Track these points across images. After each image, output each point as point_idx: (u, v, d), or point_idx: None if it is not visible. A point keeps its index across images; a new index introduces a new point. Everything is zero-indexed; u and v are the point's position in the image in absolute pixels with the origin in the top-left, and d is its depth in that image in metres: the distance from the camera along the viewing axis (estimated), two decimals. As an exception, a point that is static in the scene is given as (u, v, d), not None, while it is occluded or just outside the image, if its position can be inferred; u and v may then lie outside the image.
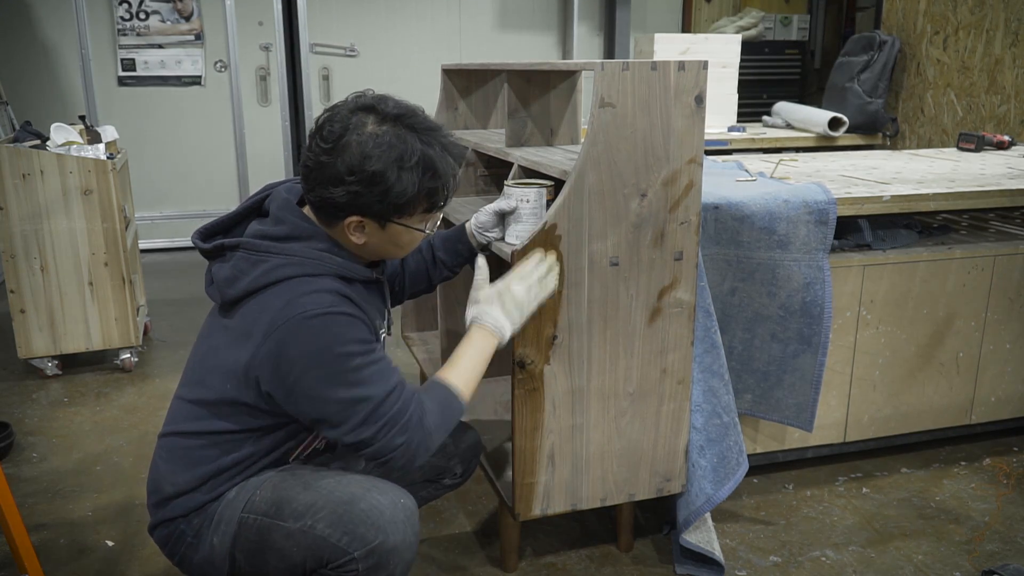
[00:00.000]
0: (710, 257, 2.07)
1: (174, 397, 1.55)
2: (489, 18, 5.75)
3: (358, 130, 1.37)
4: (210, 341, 1.49)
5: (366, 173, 1.36)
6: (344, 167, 1.36)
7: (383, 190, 1.38)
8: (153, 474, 1.52)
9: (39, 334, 3.17)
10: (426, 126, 1.43)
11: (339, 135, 1.37)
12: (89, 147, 3.16)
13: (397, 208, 1.41)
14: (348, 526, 1.37)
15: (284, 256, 1.40)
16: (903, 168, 2.75)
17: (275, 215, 1.45)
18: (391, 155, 1.37)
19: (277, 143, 5.54)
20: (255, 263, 1.40)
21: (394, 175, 1.37)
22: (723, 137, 4.18)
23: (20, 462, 2.59)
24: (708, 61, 1.74)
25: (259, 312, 1.37)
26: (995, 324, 2.46)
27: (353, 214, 1.41)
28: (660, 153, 1.73)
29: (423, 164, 1.40)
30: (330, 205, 1.40)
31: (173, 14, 5.21)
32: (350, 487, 1.42)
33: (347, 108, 1.41)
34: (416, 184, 1.39)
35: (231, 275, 1.42)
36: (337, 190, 1.37)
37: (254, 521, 1.43)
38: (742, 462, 1.99)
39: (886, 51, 4.29)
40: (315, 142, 1.39)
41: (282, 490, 1.44)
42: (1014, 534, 2.17)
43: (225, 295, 1.42)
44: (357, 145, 1.36)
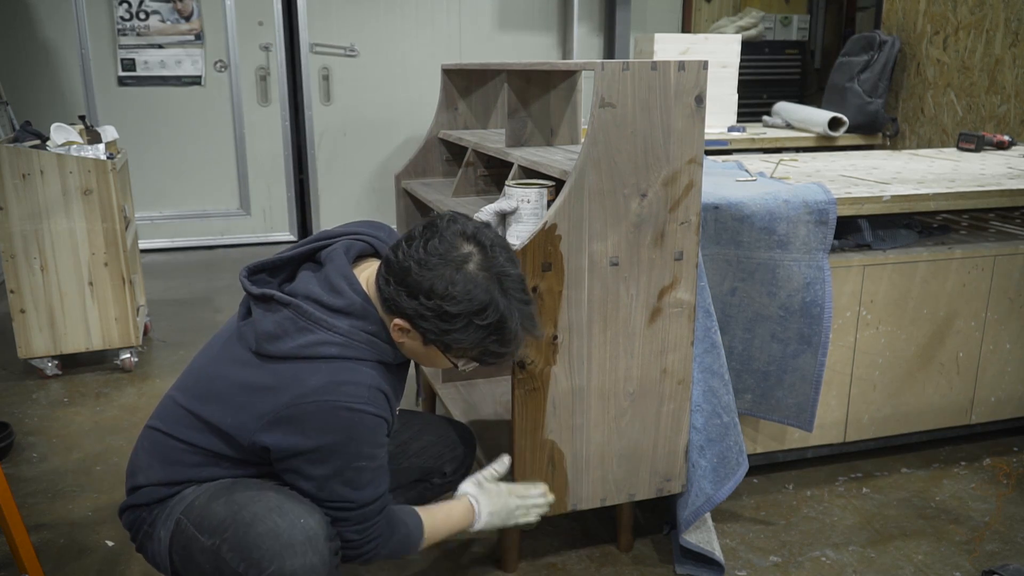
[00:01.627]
0: (710, 257, 2.07)
1: (169, 394, 1.54)
2: (489, 18, 5.75)
3: (457, 264, 1.36)
4: (224, 366, 1.46)
5: (441, 309, 1.36)
6: (425, 290, 1.35)
7: (446, 329, 1.38)
8: (133, 460, 1.53)
9: (39, 334, 3.17)
10: (520, 296, 1.42)
11: (441, 257, 1.36)
12: (89, 147, 3.15)
13: (446, 347, 1.42)
14: (245, 551, 1.34)
15: (333, 333, 1.39)
16: (903, 168, 2.75)
17: (332, 282, 1.43)
18: (472, 307, 1.36)
19: (277, 143, 5.54)
20: (302, 329, 1.38)
21: (463, 324, 1.37)
22: (723, 137, 4.18)
23: (20, 462, 2.59)
24: (708, 61, 1.74)
25: (292, 380, 1.36)
26: (995, 324, 2.46)
27: (407, 322, 1.40)
28: (660, 153, 1.73)
29: (495, 328, 1.39)
30: (394, 304, 1.39)
31: (173, 14, 5.21)
32: (256, 505, 1.38)
33: (460, 232, 1.39)
34: (478, 341, 1.40)
35: (274, 332, 1.39)
36: (408, 302, 1.37)
37: (186, 527, 1.43)
38: (742, 462, 1.99)
39: (886, 51, 4.29)
40: (416, 245, 1.38)
41: (208, 497, 1.43)
42: (1014, 534, 2.17)
43: (262, 348, 1.39)
44: (448, 279, 1.35)
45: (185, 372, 1.56)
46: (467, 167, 2.43)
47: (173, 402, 1.51)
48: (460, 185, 2.44)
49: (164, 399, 1.55)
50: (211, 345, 1.54)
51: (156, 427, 1.51)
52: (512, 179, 1.96)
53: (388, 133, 5.66)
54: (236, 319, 1.50)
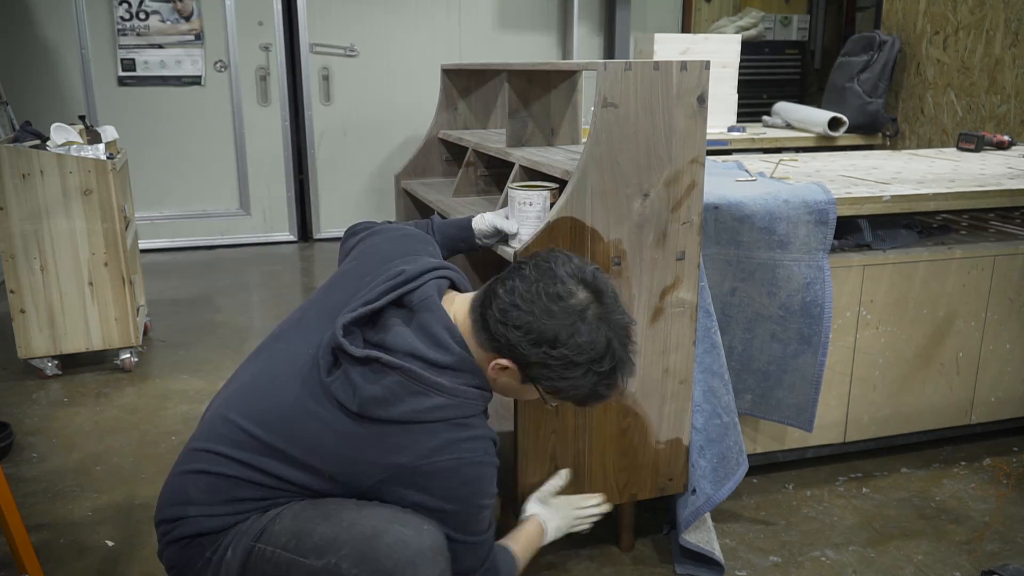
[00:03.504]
0: (710, 257, 2.07)
1: (228, 418, 1.43)
2: (489, 18, 5.75)
3: (582, 315, 1.36)
4: (311, 414, 1.37)
5: (561, 357, 1.35)
6: (550, 339, 1.34)
7: (560, 375, 1.37)
8: (178, 488, 1.42)
9: (39, 334, 3.17)
10: (629, 343, 1.43)
11: (563, 307, 1.35)
12: (89, 147, 3.15)
13: (555, 389, 1.41)
14: (375, 564, 1.30)
15: (447, 396, 1.36)
16: (903, 168, 2.75)
17: (435, 336, 1.38)
18: (589, 356, 1.36)
19: (277, 143, 5.54)
20: (415, 393, 1.34)
21: (579, 373, 1.37)
22: (723, 137, 4.18)
23: (20, 462, 2.59)
24: (710, 61, 1.74)
25: (410, 444, 1.34)
26: (995, 324, 2.46)
27: (515, 364, 1.38)
28: (662, 153, 1.73)
29: (605, 376, 1.40)
30: (503, 345, 1.37)
31: (173, 14, 5.21)
32: (371, 519, 1.35)
33: (575, 276, 1.38)
34: (588, 388, 1.40)
35: (384, 396, 1.34)
36: (527, 348, 1.35)
37: (272, 554, 1.36)
38: (742, 462, 1.99)
39: (886, 51, 4.29)
40: (537, 289, 1.36)
41: (302, 520, 1.37)
42: (1014, 534, 2.17)
43: (368, 412, 1.34)
44: (570, 328, 1.34)
45: (235, 390, 1.46)
46: (467, 167, 2.43)
47: (237, 428, 1.40)
48: (460, 185, 2.44)
49: (218, 420, 1.44)
50: (274, 369, 1.44)
51: (213, 450, 1.41)
52: (513, 180, 1.96)
53: (388, 133, 5.66)
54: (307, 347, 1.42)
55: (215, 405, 1.49)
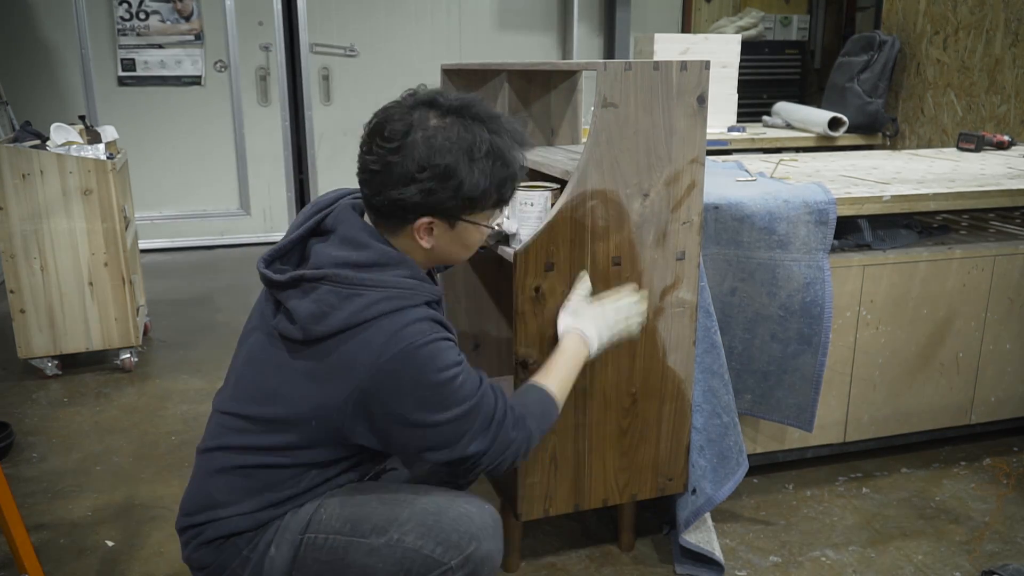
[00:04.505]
0: (710, 257, 2.07)
1: (218, 412, 1.44)
2: (489, 18, 5.75)
3: (422, 125, 1.32)
4: (274, 367, 1.37)
5: (438, 168, 1.31)
6: (414, 164, 1.30)
7: (456, 184, 1.32)
8: (203, 495, 1.40)
9: (39, 334, 3.17)
10: (489, 114, 1.37)
11: (403, 132, 1.31)
12: (89, 147, 3.15)
13: (470, 202, 1.36)
14: (440, 535, 1.34)
15: (379, 289, 1.32)
16: (903, 168, 2.75)
17: (353, 238, 1.37)
18: (461, 147, 1.32)
19: (277, 143, 5.54)
20: (347, 297, 1.31)
21: (466, 167, 1.32)
22: (723, 137, 4.18)
23: (20, 462, 2.59)
24: (710, 61, 1.74)
25: (358, 349, 1.30)
26: (995, 324, 2.46)
27: (424, 215, 1.35)
28: (662, 153, 1.73)
29: (493, 154, 1.35)
30: (400, 208, 1.34)
31: (173, 14, 5.21)
32: (431, 497, 1.39)
33: (405, 105, 1.35)
34: (488, 175, 1.35)
35: (318, 311, 1.31)
36: (409, 189, 1.31)
37: (324, 540, 1.36)
38: (742, 462, 1.99)
39: (886, 51, 4.29)
40: (376, 144, 1.33)
41: (353, 506, 1.38)
42: (1014, 534, 2.17)
43: (310, 332, 1.31)
44: (424, 140, 1.31)
45: (226, 387, 1.48)
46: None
47: (234, 417, 1.41)
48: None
49: (218, 418, 1.45)
50: (246, 354, 1.45)
51: (222, 446, 1.41)
52: None
53: (388, 133, 5.66)
54: (261, 319, 1.43)
55: (214, 406, 1.49)
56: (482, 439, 1.36)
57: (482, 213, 1.41)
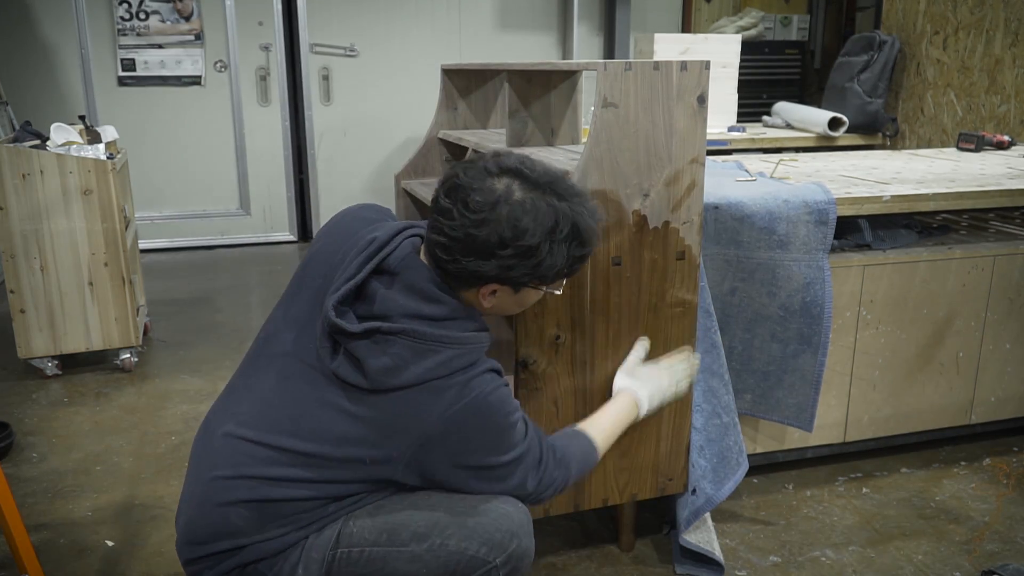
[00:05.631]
0: (710, 257, 2.08)
1: (234, 438, 1.38)
2: (489, 18, 5.75)
3: (508, 199, 1.30)
4: (320, 406, 1.35)
5: (521, 247, 1.30)
6: (497, 239, 1.29)
7: (536, 263, 1.33)
8: (223, 523, 1.35)
9: (39, 334, 3.17)
10: (573, 192, 1.37)
11: (490, 205, 1.29)
12: (89, 147, 3.15)
13: (543, 277, 1.37)
14: (484, 535, 1.36)
15: (455, 348, 1.33)
16: (903, 168, 2.75)
17: (422, 289, 1.35)
18: (545, 227, 1.31)
19: (277, 143, 5.54)
20: (422, 353, 1.30)
21: (547, 248, 1.32)
22: (723, 137, 4.18)
23: (20, 462, 2.59)
24: (710, 61, 1.74)
25: (428, 402, 1.31)
26: (995, 324, 2.46)
27: (495, 283, 1.36)
28: (662, 153, 1.73)
29: (573, 235, 1.35)
30: (474, 277, 1.34)
31: (173, 14, 5.21)
32: (467, 500, 1.40)
33: (489, 172, 1.33)
34: (566, 256, 1.36)
35: (392, 365, 1.30)
36: (488, 263, 1.31)
37: (360, 554, 1.36)
38: (742, 462, 1.99)
39: (886, 51, 4.29)
40: (458, 209, 1.30)
41: (385, 516, 1.39)
42: (1014, 534, 2.17)
43: (381, 384, 1.31)
44: (510, 217, 1.29)
45: (238, 408, 1.42)
46: (468, 167, 2.43)
47: (262, 446, 1.36)
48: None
49: (237, 443, 1.38)
50: (280, 381, 1.40)
51: (245, 475, 1.35)
52: None
53: (388, 133, 5.66)
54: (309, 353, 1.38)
55: (227, 426, 1.41)
56: (532, 477, 1.42)
57: (550, 284, 1.43)
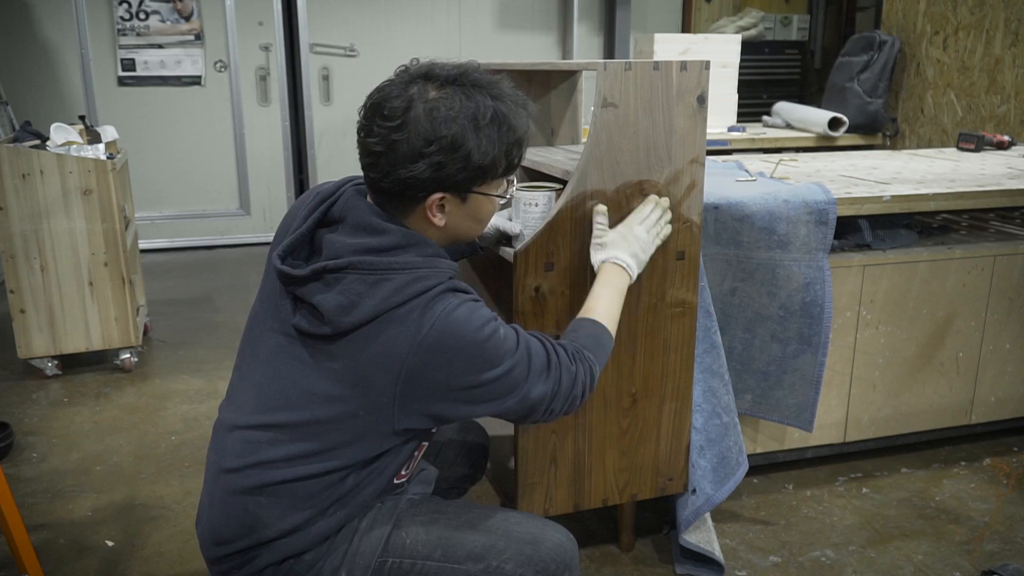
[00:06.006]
0: (710, 257, 2.08)
1: (238, 428, 1.36)
2: (489, 18, 5.75)
3: (422, 98, 1.27)
4: (299, 369, 1.32)
5: (445, 139, 1.26)
6: (420, 140, 1.26)
7: (465, 154, 1.28)
8: (230, 519, 1.32)
9: (39, 334, 3.17)
10: (488, 80, 1.33)
11: (404, 108, 1.26)
12: (89, 147, 3.15)
13: (481, 171, 1.31)
14: (539, 565, 1.36)
15: (408, 272, 1.28)
16: (903, 168, 2.75)
17: (367, 224, 1.32)
18: (465, 115, 1.27)
19: (277, 143, 5.54)
20: (375, 284, 1.26)
21: (473, 136, 1.28)
22: (723, 137, 4.18)
23: (20, 462, 2.59)
24: (710, 61, 1.74)
25: (395, 333, 1.25)
26: (995, 324, 2.46)
27: (435, 191, 1.30)
28: (662, 153, 1.73)
29: (498, 119, 1.31)
30: (410, 187, 1.29)
31: (173, 14, 5.21)
32: (523, 526, 1.40)
33: (400, 82, 1.30)
34: (495, 142, 1.30)
35: (347, 302, 1.26)
36: (418, 166, 1.27)
37: (412, 566, 1.35)
38: (742, 462, 1.99)
39: (886, 51, 4.29)
40: (376, 124, 1.28)
41: (440, 531, 1.37)
42: (1014, 534, 2.17)
43: (340, 325, 1.26)
44: (427, 113, 1.26)
45: (238, 400, 1.40)
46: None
47: (263, 428, 1.34)
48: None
49: (242, 433, 1.36)
50: (264, 362, 1.37)
51: (254, 463, 1.33)
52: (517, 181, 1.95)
53: (388, 133, 5.66)
54: (276, 320, 1.36)
55: (229, 420, 1.40)
56: (544, 383, 1.34)
57: (492, 183, 1.37)
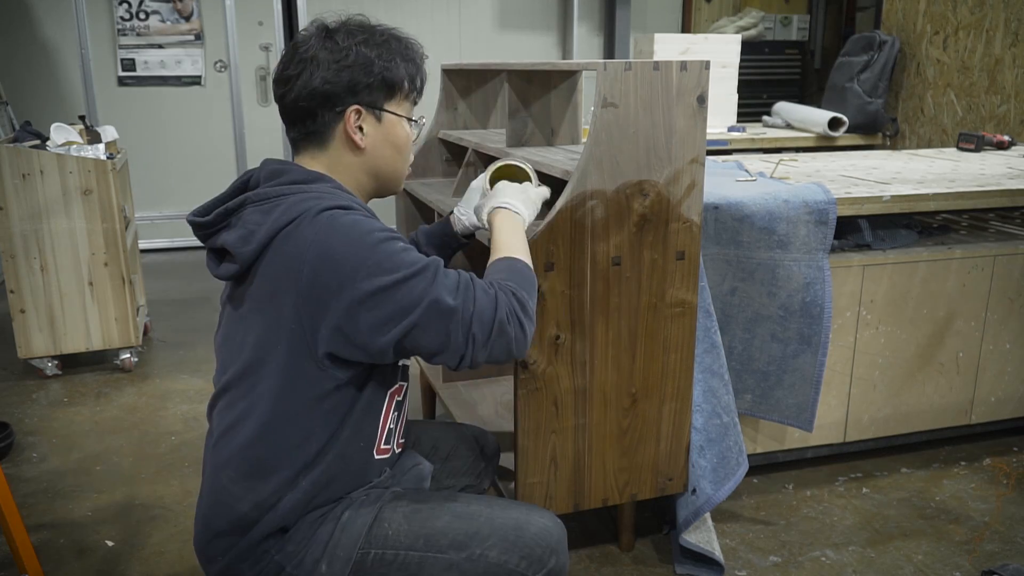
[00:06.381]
0: (710, 257, 2.08)
1: (210, 407, 1.40)
2: (489, 18, 5.75)
3: (326, 34, 1.37)
4: (235, 323, 1.36)
5: (350, 53, 1.35)
6: (329, 54, 1.35)
7: (367, 62, 1.36)
8: (212, 501, 1.32)
9: (39, 334, 3.17)
10: (376, 23, 1.43)
11: (314, 39, 1.36)
12: (89, 147, 3.15)
13: (388, 85, 1.38)
14: (524, 550, 1.34)
15: (295, 194, 1.30)
16: (903, 168, 2.75)
17: (273, 171, 1.37)
18: (360, 38, 1.37)
19: (277, 143, 5.54)
20: (269, 211, 1.29)
21: (374, 50, 1.37)
22: (723, 137, 4.18)
23: (20, 462, 2.59)
24: (710, 61, 1.74)
25: (287, 248, 1.25)
26: (995, 324, 2.46)
27: (349, 102, 1.36)
28: (662, 153, 1.73)
29: (394, 38, 1.40)
30: (327, 95, 1.35)
31: (173, 14, 5.21)
32: (508, 511, 1.39)
33: (300, 39, 1.39)
34: (396, 56, 1.39)
35: (245, 233, 1.29)
36: (330, 73, 1.34)
37: (395, 556, 1.33)
38: (742, 462, 1.99)
39: (886, 51, 4.29)
40: (289, 57, 1.38)
41: (422, 521, 1.36)
42: (1014, 534, 2.17)
43: (244, 256, 1.28)
44: (327, 50, 1.35)
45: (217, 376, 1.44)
46: (467, 167, 2.43)
47: (216, 397, 1.38)
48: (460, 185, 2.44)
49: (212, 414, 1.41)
50: (221, 335, 1.46)
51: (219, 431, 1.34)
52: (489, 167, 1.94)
53: (388, 133, 5.66)
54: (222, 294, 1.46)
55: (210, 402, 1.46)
56: (453, 296, 1.26)
57: (403, 103, 1.43)
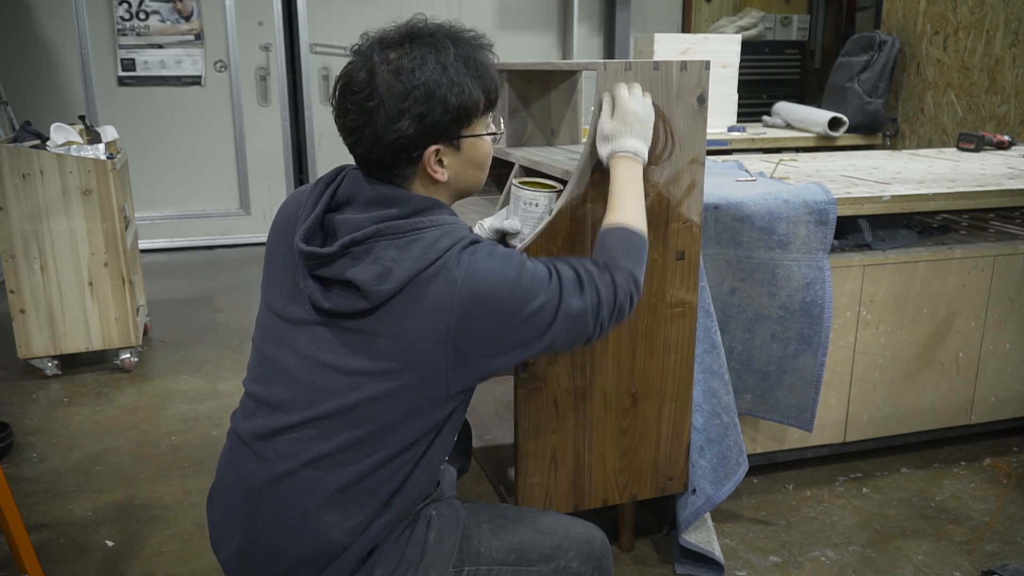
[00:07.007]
0: (710, 257, 2.08)
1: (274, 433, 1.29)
2: (489, 18, 5.75)
3: (384, 62, 1.27)
4: (341, 355, 1.27)
5: (418, 91, 1.26)
6: (394, 99, 1.26)
7: (442, 99, 1.28)
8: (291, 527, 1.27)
9: (39, 334, 3.17)
10: (440, 27, 1.34)
11: (369, 77, 1.27)
12: (89, 147, 3.15)
13: (464, 111, 1.30)
14: (596, 561, 1.46)
15: (436, 228, 1.26)
16: (903, 168, 2.75)
17: (378, 198, 1.30)
18: (429, 63, 1.28)
19: (277, 143, 5.54)
20: (406, 246, 1.23)
21: (444, 79, 1.28)
22: (723, 137, 4.18)
23: (20, 462, 2.59)
24: (710, 61, 1.74)
25: (435, 289, 1.22)
26: (995, 324, 2.46)
27: (427, 144, 1.30)
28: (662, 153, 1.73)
29: (462, 58, 1.31)
30: (402, 148, 1.28)
31: (173, 14, 5.21)
32: (575, 525, 1.49)
33: (359, 56, 1.31)
34: (468, 79, 1.31)
35: (382, 269, 1.22)
36: (401, 123, 1.26)
37: (488, 572, 1.40)
38: (742, 462, 1.99)
39: (886, 51, 4.29)
40: (348, 101, 1.28)
41: (511, 536, 1.43)
42: (1014, 534, 2.17)
43: (379, 294, 1.22)
44: (393, 74, 1.26)
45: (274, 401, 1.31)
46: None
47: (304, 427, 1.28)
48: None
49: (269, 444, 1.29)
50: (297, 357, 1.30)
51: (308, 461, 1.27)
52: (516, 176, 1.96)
53: (388, 133, 5.66)
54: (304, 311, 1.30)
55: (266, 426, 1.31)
56: (580, 298, 1.32)
57: (478, 122, 1.36)
